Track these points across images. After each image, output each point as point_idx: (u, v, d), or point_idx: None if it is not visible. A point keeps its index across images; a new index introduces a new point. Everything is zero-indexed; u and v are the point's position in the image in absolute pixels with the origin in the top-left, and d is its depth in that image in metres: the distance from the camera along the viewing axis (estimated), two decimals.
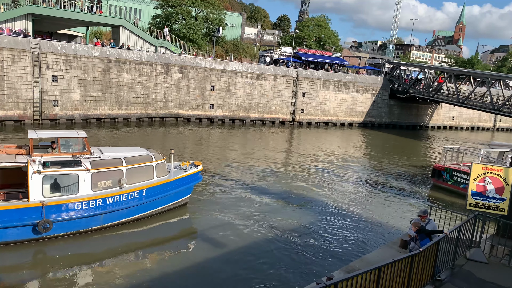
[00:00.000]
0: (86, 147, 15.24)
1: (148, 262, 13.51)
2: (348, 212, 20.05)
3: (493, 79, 49.59)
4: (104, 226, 15.05)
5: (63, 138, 15.08)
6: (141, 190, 15.78)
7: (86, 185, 14.40)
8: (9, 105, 33.60)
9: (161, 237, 15.84)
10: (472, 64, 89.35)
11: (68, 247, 13.85)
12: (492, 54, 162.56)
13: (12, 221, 13.10)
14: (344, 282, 6.25)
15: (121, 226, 15.50)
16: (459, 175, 25.03)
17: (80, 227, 14.51)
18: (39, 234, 13.60)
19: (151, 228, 16.06)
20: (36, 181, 13.46)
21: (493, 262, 11.10)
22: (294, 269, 13.65)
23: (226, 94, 46.06)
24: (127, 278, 12.33)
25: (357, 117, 55.87)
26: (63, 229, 14.11)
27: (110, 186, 15.02)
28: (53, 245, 13.82)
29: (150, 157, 16.45)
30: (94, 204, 14.50)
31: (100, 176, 14.72)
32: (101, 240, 14.57)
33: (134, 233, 15.38)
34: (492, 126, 68.60)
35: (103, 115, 38.55)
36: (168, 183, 16.86)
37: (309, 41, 77.24)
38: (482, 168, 11.79)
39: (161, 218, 16.88)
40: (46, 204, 13.48)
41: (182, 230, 17.04)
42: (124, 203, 15.31)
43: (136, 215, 16.00)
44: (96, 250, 14.00)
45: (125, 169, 15.28)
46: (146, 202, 16.06)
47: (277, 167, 28.45)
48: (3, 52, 32.89)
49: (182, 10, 58.11)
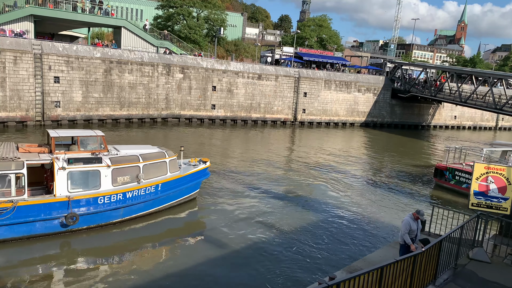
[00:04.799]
0: (103, 145, 16.01)
1: (163, 254, 14.33)
2: (350, 212, 20.03)
3: (495, 78, 49.46)
4: (123, 219, 15.84)
5: (83, 137, 16.00)
6: (157, 185, 16.63)
7: (107, 180, 15.12)
8: (11, 107, 33.70)
9: (174, 228, 16.68)
10: (474, 63, 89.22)
11: (91, 240, 14.54)
12: (494, 53, 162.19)
13: (41, 215, 13.82)
14: (346, 282, 6.24)
15: (137, 220, 16.29)
16: (462, 175, 24.98)
17: (102, 220, 15.24)
18: (65, 227, 14.30)
19: (164, 221, 16.86)
20: (61, 177, 14.17)
21: (495, 262, 11.07)
22: (296, 269, 13.64)
23: (228, 94, 46.08)
24: (145, 271, 12.82)
25: (359, 117, 55.81)
26: (86, 223, 14.79)
27: (129, 181, 15.80)
28: (77, 238, 14.50)
29: (163, 154, 17.29)
30: (115, 198, 15.30)
31: (120, 172, 15.48)
32: (120, 233, 15.31)
33: (150, 226, 16.21)
34: (494, 125, 68.45)
35: (105, 116, 38.61)
36: (180, 179, 17.76)
37: (310, 41, 77.19)
38: (484, 168, 11.76)
39: (173, 212, 17.70)
40: (72, 198, 14.21)
41: (192, 224, 17.83)
42: (141, 197, 16.14)
43: (152, 208, 16.85)
44: (116, 243, 14.74)
45: (141, 165, 16.10)
46: (161, 196, 16.90)
47: (279, 167, 28.44)
48: (5, 53, 32.99)
49: (183, 10, 58.15)
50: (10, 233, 13.42)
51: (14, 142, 16.03)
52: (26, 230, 13.68)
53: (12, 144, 15.61)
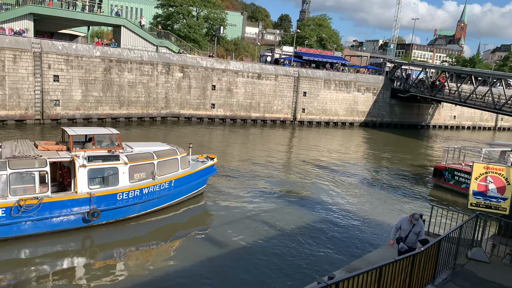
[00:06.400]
0: (118, 142, 16.53)
1: (175, 249, 14.88)
2: (349, 211, 20.04)
3: (495, 78, 49.49)
4: (139, 214, 16.39)
5: (99, 135, 16.55)
6: (171, 181, 17.25)
7: (125, 177, 15.62)
8: (11, 105, 33.65)
9: (183, 223, 17.37)
10: (473, 63, 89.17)
11: (110, 234, 15.13)
12: (493, 53, 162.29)
13: (65, 211, 14.36)
14: (345, 281, 6.24)
15: (151, 214, 16.88)
16: (461, 175, 25.00)
17: (121, 215, 15.77)
18: (87, 222, 14.80)
19: (176, 215, 17.59)
20: (82, 174, 14.64)
21: (494, 262, 11.09)
22: (295, 268, 13.66)
23: (227, 93, 46.06)
24: (158, 265, 13.33)
25: (358, 116, 55.82)
26: (106, 218, 15.25)
27: (144, 177, 16.30)
28: (98, 232, 15.07)
29: (175, 151, 17.89)
30: (133, 194, 15.83)
31: (136, 168, 16.00)
32: (136, 227, 15.90)
33: (162, 220, 16.84)
34: (493, 125, 68.47)
35: (104, 114, 38.58)
36: (191, 175, 18.47)
37: (310, 41, 77.19)
38: (483, 168, 11.76)
39: (183, 206, 18.39)
40: (93, 195, 14.70)
41: (198, 219, 18.33)
42: (156, 193, 16.73)
43: (165, 203, 17.49)
44: (133, 237, 15.32)
45: (156, 162, 16.65)
46: (174, 192, 17.57)
47: (278, 166, 28.44)
48: (5, 52, 32.94)
49: (183, 9, 58.11)
50: (35, 228, 13.88)
51: (29, 140, 16.27)
52: (51, 225, 14.17)
53: (27, 141, 15.87)
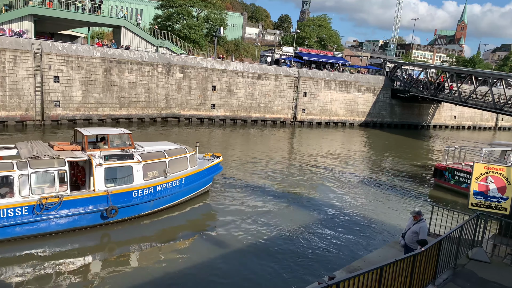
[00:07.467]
0: (130, 142, 17.07)
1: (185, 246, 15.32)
2: (349, 211, 20.03)
3: (495, 78, 49.45)
4: (152, 211, 16.87)
5: (112, 135, 17.04)
6: (181, 178, 17.80)
7: (139, 175, 16.09)
8: (11, 106, 33.68)
9: (190, 222, 17.73)
10: (474, 63, 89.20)
11: (126, 231, 15.59)
12: (494, 53, 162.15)
13: (84, 208, 14.77)
14: (346, 281, 6.23)
15: (163, 212, 17.37)
16: (461, 175, 24.98)
17: (135, 212, 16.23)
18: (104, 219, 15.23)
19: (186, 213, 18.06)
20: (99, 173, 15.07)
21: (495, 262, 11.07)
22: (295, 268, 13.65)
23: (228, 94, 46.07)
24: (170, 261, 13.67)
25: (359, 116, 55.81)
26: (122, 215, 15.68)
27: (157, 175, 16.77)
28: (113, 229, 15.50)
29: (184, 149, 18.46)
30: (147, 192, 16.33)
31: (149, 167, 16.46)
32: (150, 224, 16.39)
33: (173, 218, 17.37)
34: (494, 125, 68.44)
35: (104, 115, 38.60)
36: (200, 172, 19.07)
37: (310, 41, 77.22)
38: (484, 168, 11.74)
39: (190, 204, 18.86)
40: (111, 192, 15.15)
41: (204, 219, 18.64)
42: (169, 190, 17.24)
43: (176, 200, 18.02)
44: (147, 234, 15.74)
45: (167, 160, 17.15)
46: (184, 189, 18.12)
47: (279, 167, 28.44)
48: (5, 53, 32.97)
49: (183, 10, 58.14)
50: (56, 226, 14.31)
51: (42, 141, 16.70)
52: (71, 222, 14.60)
53: (41, 142, 16.30)
